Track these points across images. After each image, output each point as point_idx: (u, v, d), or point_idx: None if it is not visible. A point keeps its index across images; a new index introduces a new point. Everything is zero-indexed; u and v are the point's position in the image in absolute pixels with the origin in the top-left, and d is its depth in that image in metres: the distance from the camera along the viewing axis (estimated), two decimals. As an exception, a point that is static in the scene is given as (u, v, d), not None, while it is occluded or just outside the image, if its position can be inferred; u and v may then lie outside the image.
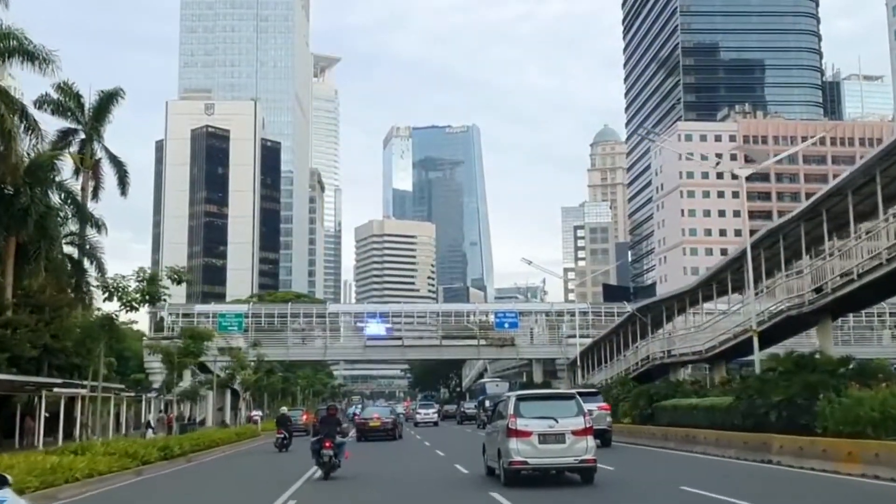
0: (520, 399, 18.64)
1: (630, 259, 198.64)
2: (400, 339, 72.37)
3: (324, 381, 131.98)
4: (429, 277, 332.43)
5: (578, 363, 64.01)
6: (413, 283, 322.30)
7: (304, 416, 52.59)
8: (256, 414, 55.99)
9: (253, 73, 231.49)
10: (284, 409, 41.22)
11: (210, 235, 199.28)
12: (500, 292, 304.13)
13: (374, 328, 70.24)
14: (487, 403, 54.11)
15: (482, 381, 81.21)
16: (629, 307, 75.72)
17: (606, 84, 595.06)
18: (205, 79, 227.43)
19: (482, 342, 71.40)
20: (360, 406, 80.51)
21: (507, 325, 72.07)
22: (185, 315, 71.22)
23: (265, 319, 72.57)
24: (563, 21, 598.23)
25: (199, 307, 72.99)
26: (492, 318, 72.54)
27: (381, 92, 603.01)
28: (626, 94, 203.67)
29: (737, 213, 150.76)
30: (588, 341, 66.49)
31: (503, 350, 72.12)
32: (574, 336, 68.34)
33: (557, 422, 17.61)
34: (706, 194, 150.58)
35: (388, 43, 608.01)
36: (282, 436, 35.69)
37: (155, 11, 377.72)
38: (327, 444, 21.44)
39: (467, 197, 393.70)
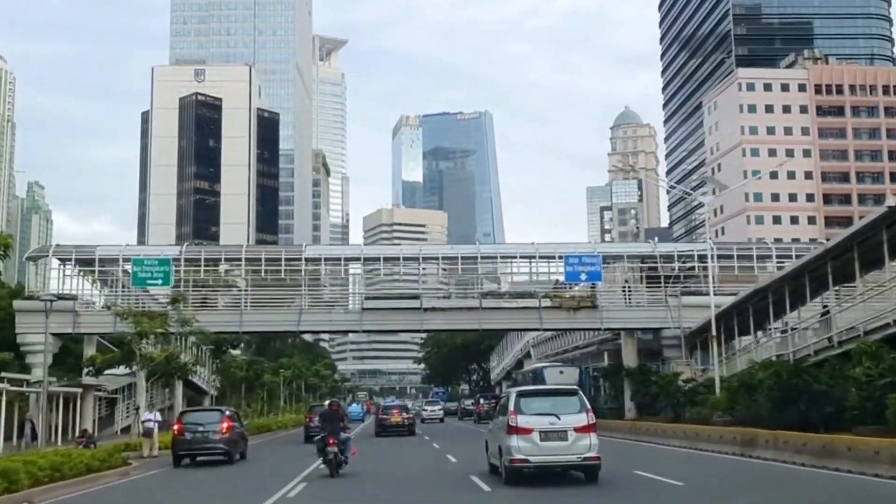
0: (521, 395, 17.73)
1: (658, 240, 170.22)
2: (417, 298, 45.09)
3: (320, 374, 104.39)
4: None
5: (713, 332, 36.43)
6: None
7: (225, 425, 25.07)
8: (150, 419, 28.56)
9: (250, 42, 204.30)
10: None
11: (200, 215, 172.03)
12: (515, 286, 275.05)
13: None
14: None
15: (536, 366, 53.96)
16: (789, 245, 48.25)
17: (620, 79, 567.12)
18: (198, 48, 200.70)
19: (545, 303, 43.82)
20: (355, 404, 63.20)
21: (584, 278, 44.51)
22: (81, 261, 44.04)
23: (207, 270, 45.25)
24: (572, 17, 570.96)
25: (102, 249, 45.37)
26: (558, 268, 44.63)
27: (388, 90, 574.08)
28: (662, 57, 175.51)
29: (809, 175, 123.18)
30: (727, 300, 39.17)
31: (578, 315, 44.14)
32: (700, 292, 41.37)
33: (560, 418, 16.67)
34: (772, 152, 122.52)
35: (395, 39, 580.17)
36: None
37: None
38: (331, 442, 19.86)
39: (479, 186, 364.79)
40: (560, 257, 44.11)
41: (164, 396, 64.95)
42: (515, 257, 44.32)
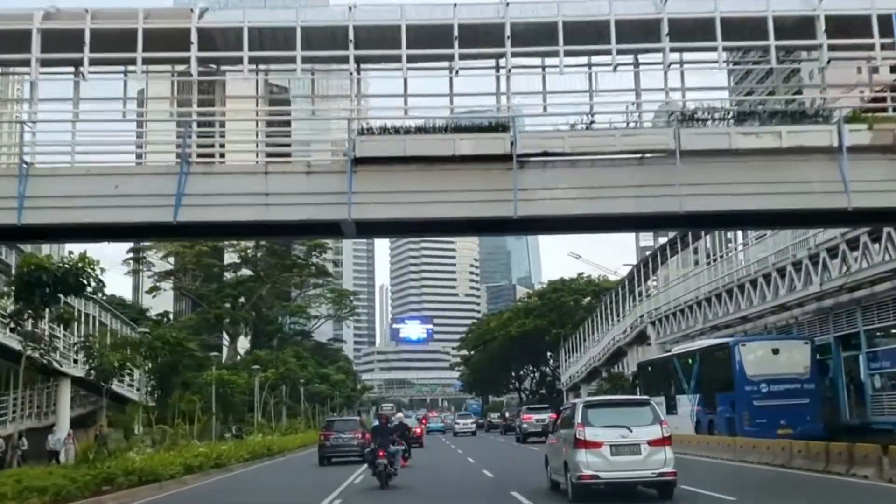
0: (588, 406, 15.89)
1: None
2: (503, 130, 15.55)
3: (330, 378, 76.34)
4: (470, 273, 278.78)
5: None
6: (454, 285, 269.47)
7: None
8: None
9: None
10: (400, 415, 29.83)
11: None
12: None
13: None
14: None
15: (723, 340, 26.57)
16: None
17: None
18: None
19: (855, 134, 15.04)
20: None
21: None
22: None
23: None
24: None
25: None
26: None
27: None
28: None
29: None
30: None
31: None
32: None
33: (631, 431, 14.72)
34: None
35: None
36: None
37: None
38: (381, 454, 19.89)
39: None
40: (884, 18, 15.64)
41: (42, 403, 37.67)
42: (766, 16, 15.81)
